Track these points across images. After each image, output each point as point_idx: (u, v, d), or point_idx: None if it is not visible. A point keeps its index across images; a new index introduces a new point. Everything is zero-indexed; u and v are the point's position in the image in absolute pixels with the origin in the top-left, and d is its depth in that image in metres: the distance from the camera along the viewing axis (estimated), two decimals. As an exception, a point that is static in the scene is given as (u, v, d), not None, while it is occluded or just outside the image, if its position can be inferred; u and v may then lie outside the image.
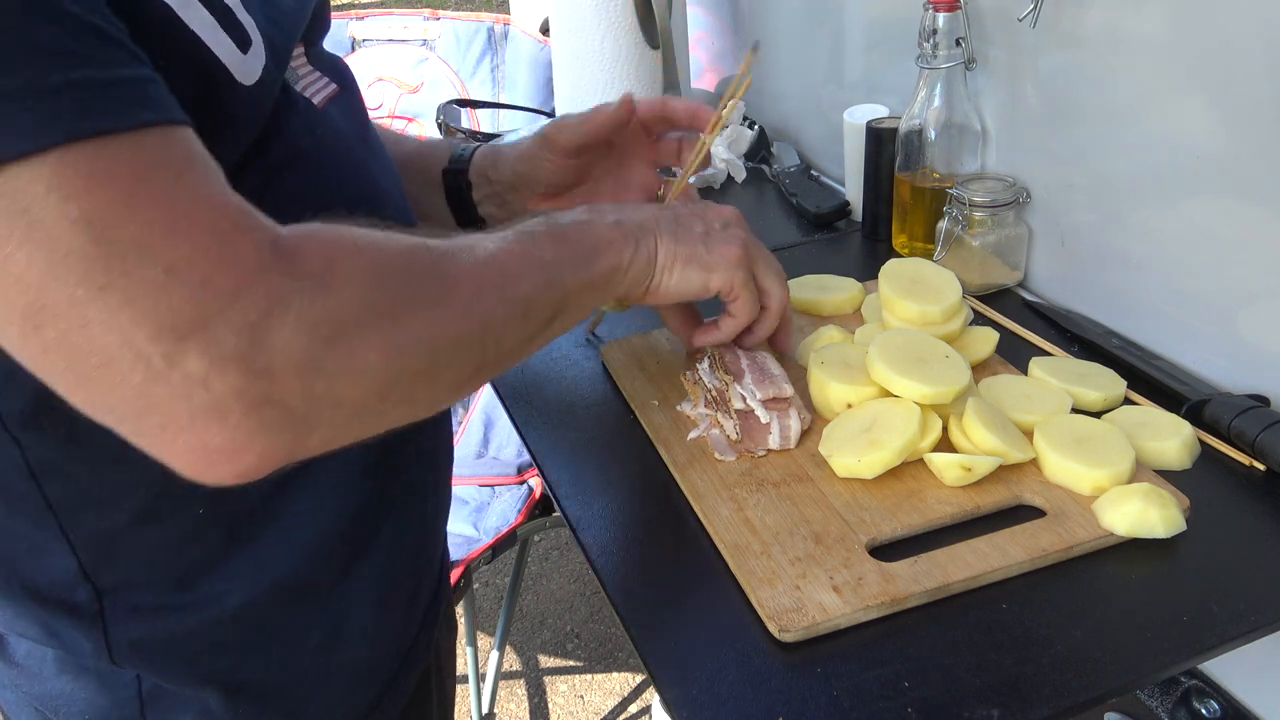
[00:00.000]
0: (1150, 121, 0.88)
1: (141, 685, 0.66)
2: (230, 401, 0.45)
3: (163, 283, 0.43)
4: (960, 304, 0.90)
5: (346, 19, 1.95)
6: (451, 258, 0.57)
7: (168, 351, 0.44)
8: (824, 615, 0.65)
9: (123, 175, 0.43)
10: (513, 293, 0.59)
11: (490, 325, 0.58)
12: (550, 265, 0.63)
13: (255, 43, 0.56)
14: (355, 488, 0.68)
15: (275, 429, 0.48)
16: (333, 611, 0.70)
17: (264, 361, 0.46)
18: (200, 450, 0.46)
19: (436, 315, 0.54)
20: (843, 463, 0.76)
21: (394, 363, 0.51)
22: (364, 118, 0.73)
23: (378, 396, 0.52)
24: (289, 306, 0.47)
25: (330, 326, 0.48)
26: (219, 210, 0.46)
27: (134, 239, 0.43)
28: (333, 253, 0.50)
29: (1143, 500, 0.70)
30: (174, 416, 0.45)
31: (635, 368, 0.95)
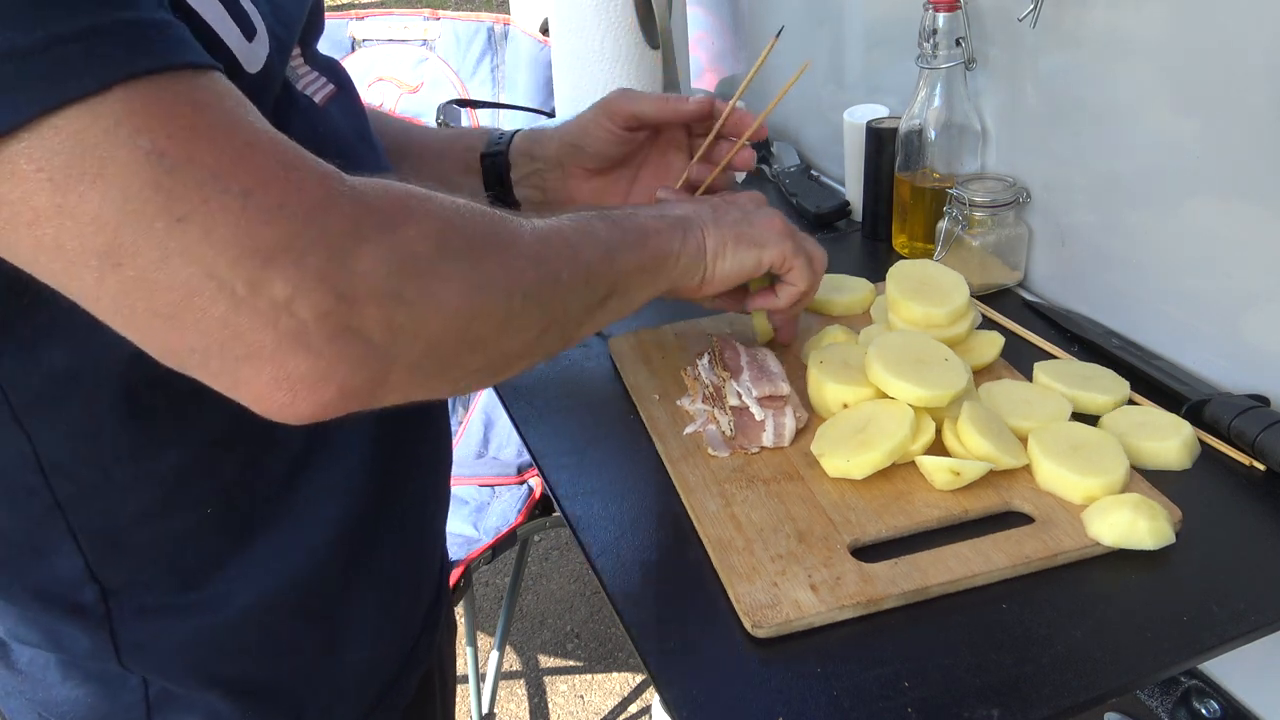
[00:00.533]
0: (1150, 121, 0.88)
1: (148, 689, 0.66)
2: (314, 327, 0.46)
3: (240, 208, 0.43)
4: (967, 307, 0.90)
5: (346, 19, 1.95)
6: (514, 219, 0.58)
7: (251, 277, 0.44)
8: (798, 613, 0.66)
9: (185, 108, 0.44)
10: (574, 258, 0.61)
11: (559, 282, 0.59)
12: (605, 242, 0.65)
13: (260, 32, 0.56)
14: (359, 490, 0.68)
15: (357, 359, 0.48)
16: (336, 613, 0.70)
17: (346, 285, 0.46)
18: (283, 380, 0.46)
19: (509, 261, 0.55)
20: (833, 463, 0.76)
21: (471, 300, 0.52)
22: (363, 117, 0.73)
23: (455, 335, 0.52)
24: (366, 234, 0.47)
25: (408, 257, 0.49)
26: (280, 142, 0.47)
27: (208, 167, 0.43)
28: (398, 194, 0.51)
29: (1132, 511, 0.70)
30: (258, 346, 0.45)
31: (640, 361, 0.95)
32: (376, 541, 0.71)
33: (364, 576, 0.71)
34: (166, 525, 0.61)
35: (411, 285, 0.49)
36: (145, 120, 0.42)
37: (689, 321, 1.02)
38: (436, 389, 0.55)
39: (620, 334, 1.00)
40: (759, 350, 0.90)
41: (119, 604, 0.63)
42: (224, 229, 0.43)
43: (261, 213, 0.44)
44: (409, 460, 0.74)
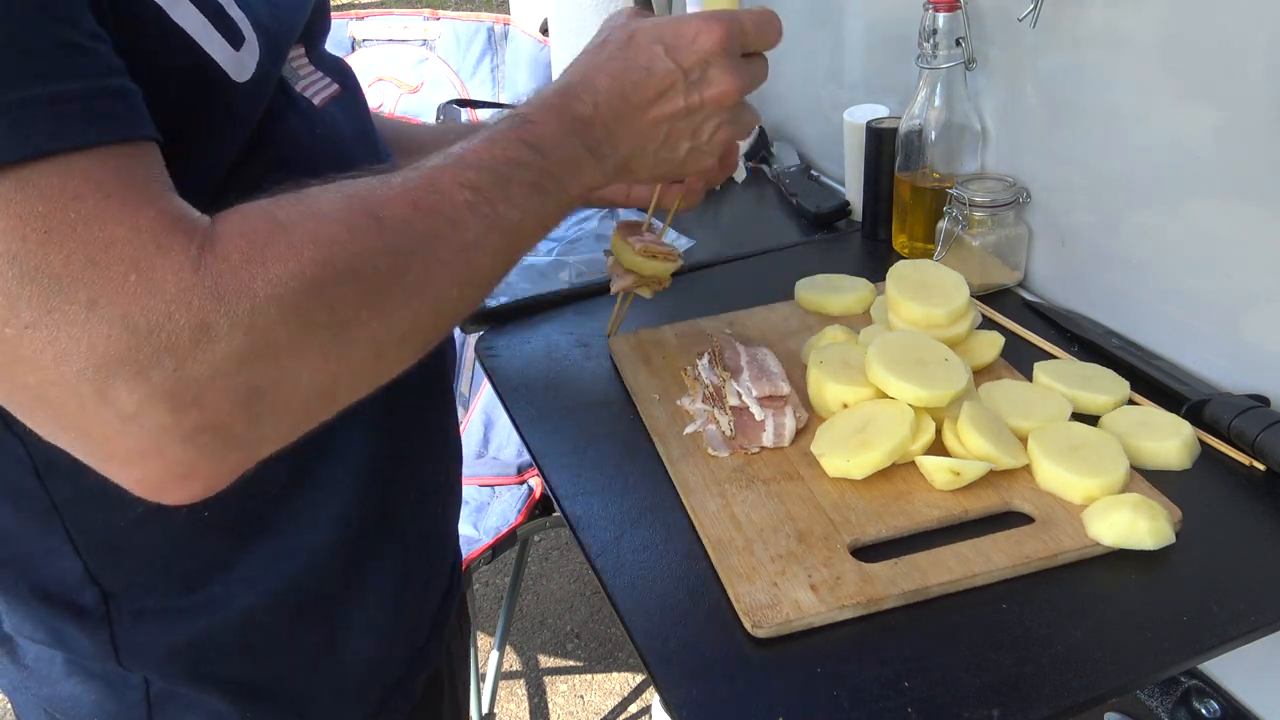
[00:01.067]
0: (1150, 121, 0.88)
1: (150, 688, 0.66)
2: (163, 436, 0.45)
3: (84, 319, 0.42)
4: (967, 307, 0.90)
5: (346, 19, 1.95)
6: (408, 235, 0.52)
7: (97, 387, 0.43)
8: (798, 613, 0.66)
9: (42, 207, 0.42)
10: (471, 269, 0.55)
11: (443, 307, 0.54)
12: (514, 227, 0.57)
13: (249, 39, 0.55)
14: (360, 491, 0.68)
15: (218, 453, 0.47)
16: (339, 614, 0.70)
17: (195, 392, 0.45)
18: (146, 480, 0.47)
19: (379, 314, 0.51)
20: (833, 462, 0.76)
21: (334, 368, 0.50)
22: (366, 117, 0.73)
23: (322, 400, 0.51)
24: (215, 335, 0.45)
25: (262, 348, 0.46)
26: (142, 233, 0.44)
27: (56, 275, 0.42)
28: (265, 262, 0.47)
29: (1132, 511, 0.70)
30: (114, 450, 0.45)
31: (640, 361, 0.95)
32: (379, 542, 0.71)
33: (367, 577, 0.71)
34: (164, 529, 0.61)
35: (267, 374, 0.47)
36: (2, 222, 0.42)
37: (689, 322, 1.02)
38: (314, 426, 0.52)
39: (620, 334, 1.00)
40: (759, 350, 0.90)
41: (119, 606, 0.63)
42: (67, 340, 0.42)
43: (103, 324, 0.43)
44: (413, 459, 0.74)
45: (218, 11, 0.54)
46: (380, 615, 0.73)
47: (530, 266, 1.16)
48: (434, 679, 0.83)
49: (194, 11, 0.52)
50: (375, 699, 0.75)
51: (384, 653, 0.74)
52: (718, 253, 1.20)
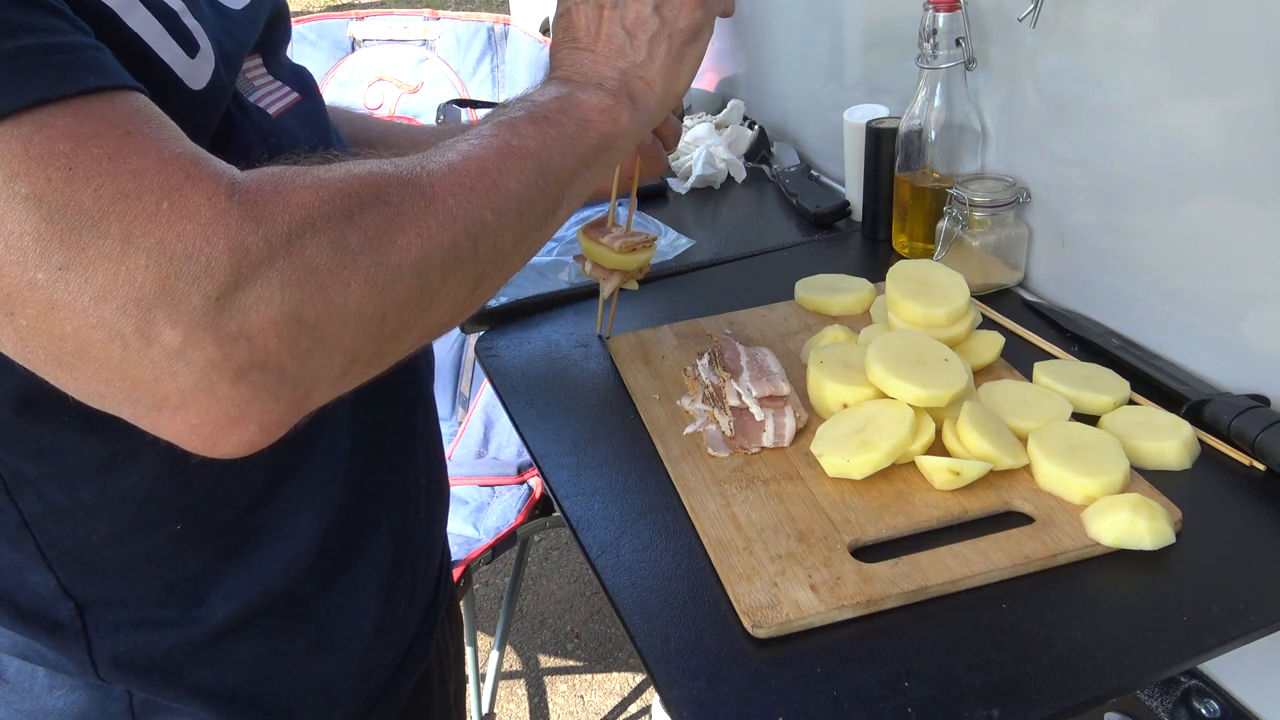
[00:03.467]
0: (1150, 121, 0.88)
1: (133, 700, 0.66)
2: (214, 372, 0.43)
3: (119, 253, 0.41)
4: (967, 308, 0.90)
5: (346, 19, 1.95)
6: (424, 170, 0.53)
7: (139, 325, 0.42)
8: (798, 613, 0.66)
9: (65, 145, 0.42)
10: (500, 193, 0.55)
11: (482, 232, 0.53)
12: (536, 153, 0.58)
13: (203, 48, 0.55)
14: (336, 498, 0.68)
15: (270, 393, 0.45)
16: (319, 619, 0.69)
17: (240, 323, 0.43)
18: (199, 426, 0.45)
19: (416, 237, 0.50)
20: (833, 462, 0.76)
21: (380, 298, 0.48)
22: (324, 125, 0.72)
23: (372, 336, 0.49)
24: (254, 259, 0.44)
25: (302, 274, 0.45)
26: (169, 163, 0.44)
27: (85, 210, 0.41)
28: (292, 191, 0.47)
29: (1131, 511, 0.70)
30: (164, 394, 0.43)
31: (640, 361, 0.95)
32: (359, 547, 0.71)
33: (348, 582, 0.70)
34: (138, 544, 0.61)
35: (311, 304, 0.46)
36: (23, 164, 0.41)
37: (689, 322, 1.02)
38: (366, 378, 0.51)
39: (620, 334, 1.00)
40: (759, 350, 0.90)
41: (95, 619, 0.62)
42: (104, 276, 0.41)
43: (139, 254, 0.42)
44: (390, 463, 0.74)
45: (172, 19, 0.53)
46: (364, 619, 0.72)
47: (530, 266, 1.16)
48: (424, 679, 0.82)
49: (149, 18, 0.52)
50: (363, 701, 0.74)
51: (370, 656, 0.74)
52: (718, 253, 1.20)
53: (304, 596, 0.68)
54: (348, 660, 0.72)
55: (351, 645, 0.72)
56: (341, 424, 0.68)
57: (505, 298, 1.10)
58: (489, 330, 1.07)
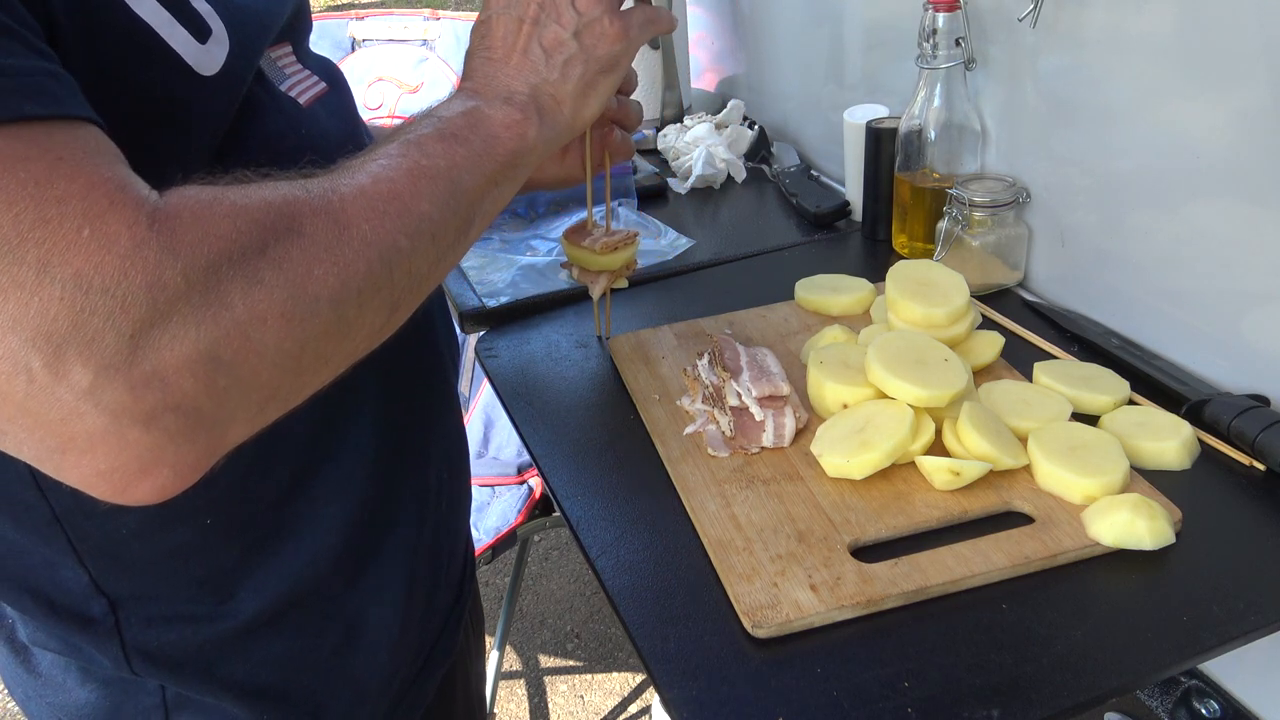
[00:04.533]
0: (1150, 121, 0.88)
1: (165, 693, 0.66)
2: (124, 417, 0.41)
3: (34, 282, 0.40)
4: (967, 308, 0.90)
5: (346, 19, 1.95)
6: (335, 195, 0.51)
7: (48, 360, 0.40)
8: (798, 613, 0.66)
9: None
10: (413, 216, 0.54)
11: (397, 258, 0.52)
12: (446, 173, 0.57)
13: (215, 32, 0.55)
14: (362, 492, 0.68)
15: (184, 437, 0.44)
16: (348, 615, 0.70)
17: (151, 364, 0.42)
18: (107, 473, 0.43)
19: (331, 267, 0.49)
20: (833, 462, 0.76)
21: (298, 332, 0.47)
22: (354, 117, 0.72)
23: (289, 371, 0.48)
24: (171, 295, 0.42)
25: (218, 310, 0.44)
26: (95, 188, 0.42)
27: (4, 235, 0.40)
28: (210, 220, 0.45)
29: (1131, 511, 0.70)
30: (69, 436, 0.41)
31: (640, 361, 0.95)
32: (386, 542, 0.71)
33: (375, 577, 0.71)
34: (167, 539, 0.61)
35: (227, 342, 0.44)
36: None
37: (689, 322, 1.02)
38: (282, 414, 0.50)
39: (620, 334, 1.00)
40: (759, 350, 0.90)
41: (127, 615, 0.63)
42: (15, 306, 0.39)
43: (56, 285, 0.40)
44: (415, 458, 0.74)
45: (181, 4, 0.53)
46: (392, 614, 0.73)
47: (530, 267, 1.16)
48: (448, 676, 0.83)
49: (157, 6, 0.52)
50: (391, 698, 0.75)
51: (397, 651, 0.74)
52: (718, 253, 1.20)
53: (332, 592, 0.69)
54: (376, 655, 0.72)
55: (379, 641, 0.72)
56: (368, 417, 0.68)
57: (505, 298, 1.10)
58: (489, 330, 1.07)
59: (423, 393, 0.76)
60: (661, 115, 1.58)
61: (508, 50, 0.67)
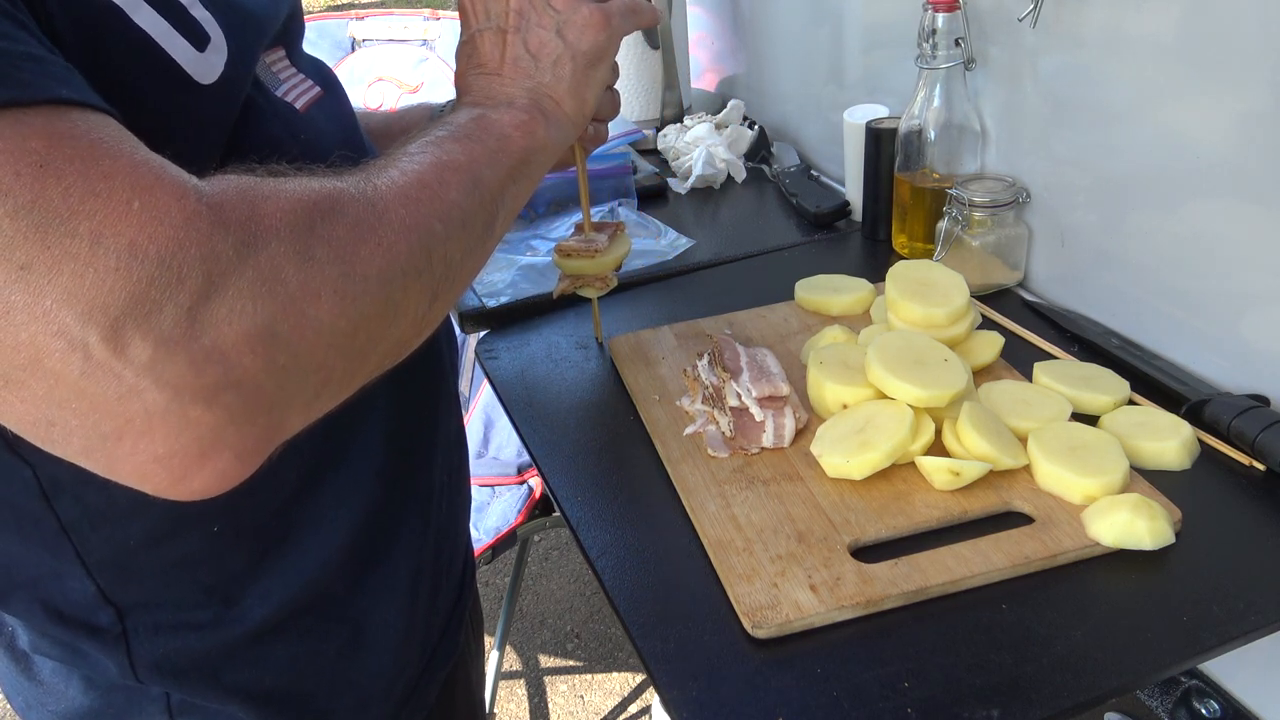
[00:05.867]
0: (1150, 121, 0.88)
1: (170, 700, 0.66)
2: (185, 393, 0.40)
3: (88, 253, 0.39)
4: (967, 308, 0.90)
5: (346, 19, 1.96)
6: (370, 185, 0.52)
7: (106, 334, 0.39)
8: (798, 613, 0.66)
9: (39, 143, 0.40)
10: (443, 203, 0.55)
11: (433, 242, 0.53)
12: (467, 167, 0.58)
13: (214, 39, 0.55)
14: (367, 495, 0.68)
15: (246, 417, 0.43)
16: (353, 617, 0.70)
17: (211, 339, 0.41)
18: (166, 458, 0.41)
19: (376, 247, 0.49)
20: (832, 463, 0.76)
21: (350, 310, 0.47)
22: (350, 121, 0.72)
23: (342, 352, 0.47)
24: (225, 267, 0.42)
25: (273, 285, 0.43)
26: (139, 166, 0.42)
27: (54, 208, 0.39)
28: (257, 200, 0.45)
29: (1131, 511, 0.70)
30: (127, 417, 0.40)
31: (640, 361, 0.95)
32: (390, 544, 0.71)
33: (380, 579, 0.71)
34: (176, 547, 0.61)
35: (284, 317, 0.44)
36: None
37: (689, 322, 1.02)
38: (333, 405, 0.50)
39: (620, 334, 1.00)
40: (759, 350, 0.90)
41: (135, 623, 0.63)
42: (68, 277, 0.38)
43: (111, 255, 0.39)
44: (420, 459, 0.74)
45: (180, 13, 0.53)
46: (396, 616, 0.73)
47: (530, 267, 1.16)
48: (450, 677, 0.83)
49: (154, 15, 0.51)
50: (395, 700, 0.75)
51: (401, 654, 0.74)
52: (718, 253, 1.20)
53: (337, 596, 0.69)
54: (381, 658, 0.72)
55: (384, 644, 0.72)
56: (376, 421, 0.68)
57: (505, 298, 1.10)
58: (489, 331, 1.07)
59: (427, 395, 0.76)
60: (661, 115, 1.58)
61: (497, 63, 0.68)
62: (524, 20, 0.68)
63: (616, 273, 0.96)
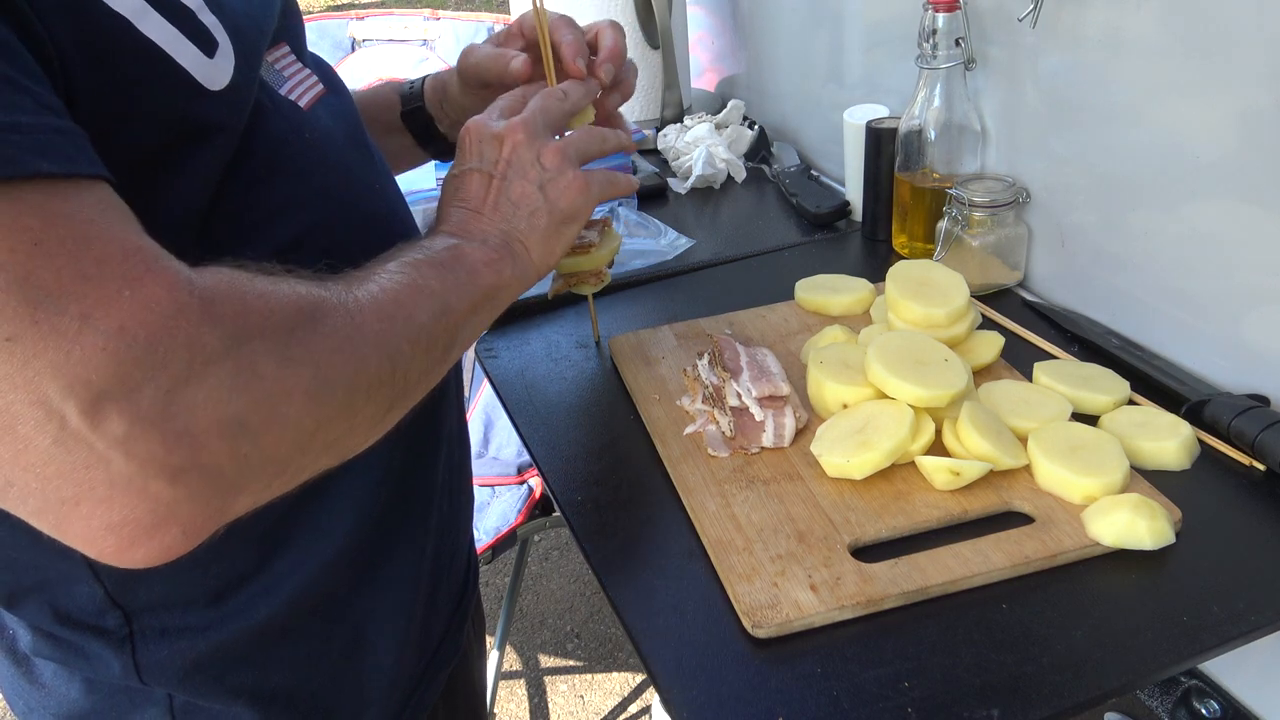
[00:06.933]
0: (1150, 121, 0.88)
1: (173, 701, 0.66)
2: (150, 467, 0.42)
3: (76, 331, 0.40)
4: (967, 308, 0.90)
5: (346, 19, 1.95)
6: (351, 296, 0.55)
7: (84, 408, 0.40)
8: (798, 613, 0.66)
9: (33, 221, 0.41)
10: (413, 325, 0.58)
11: (398, 359, 0.56)
12: (439, 293, 0.62)
13: (222, 44, 0.55)
14: (371, 498, 0.68)
15: (201, 497, 0.44)
16: (356, 617, 0.70)
17: (185, 422, 0.43)
18: (117, 527, 0.42)
19: (349, 357, 0.52)
20: (832, 462, 0.76)
21: (316, 411, 0.49)
22: (354, 118, 0.72)
23: (301, 448, 0.50)
24: (208, 357, 0.44)
25: (250, 378, 0.46)
26: (132, 254, 0.43)
27: (45, 285, 0.40)
28: (245, 297, 0.48)
29: (1131, 511, 0.70)
30: (88, 487, 0.41)
31: (640, 361, 0.95)
32: (394, 544, 0.71)
33: (382, 579, 0.71)
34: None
35: (256, 410, 0.46)
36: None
37: (689, 322, 1.02)
38: (282, 492, 0.51)
39: (620, 334, 1.00)
40: (759, 350, 0.90)
41: (141, 626, 0.63)
42: (55, 352, 0.40)
43: (98, 336, 0.40)
44: (424, 460, 0.74)
45: (189, 19, 0.53)
46: (398, 618, 0.73)
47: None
48: (452, 677, 0.83)
49: (163, 23, 0.51)
50: (398, 699, 0.75)
51: (403, 654, 0.74)
52: (718, 253, 1.20)
53: (340, 597, 0.69)
54: (383, 658, 0.72)
55: (386, 644, 0.72)
56: None
57: (505, 298, 1.10)
58: (489, 331, 1.07)
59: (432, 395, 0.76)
60: (661, 115, 1.58)
61: (479, 203, 0.72)
62: (512, 170, 0.72)
63: (609, 268, 0.96)
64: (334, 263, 0.58)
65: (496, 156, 0.73)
